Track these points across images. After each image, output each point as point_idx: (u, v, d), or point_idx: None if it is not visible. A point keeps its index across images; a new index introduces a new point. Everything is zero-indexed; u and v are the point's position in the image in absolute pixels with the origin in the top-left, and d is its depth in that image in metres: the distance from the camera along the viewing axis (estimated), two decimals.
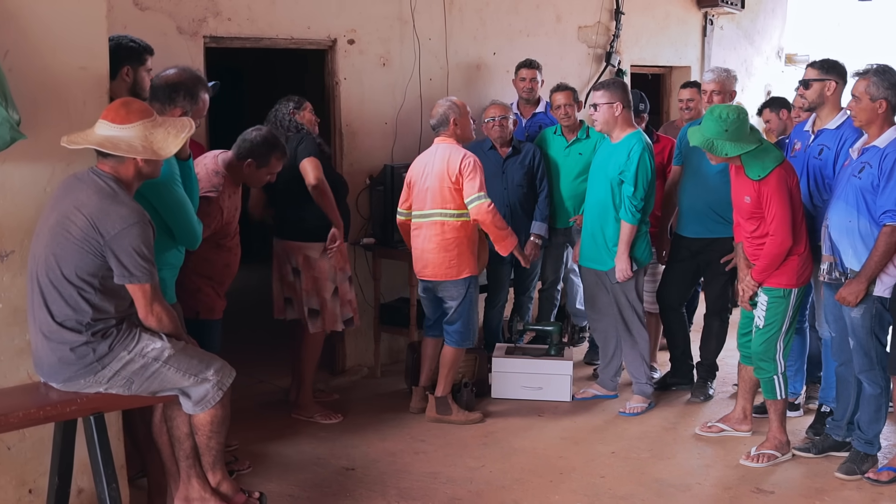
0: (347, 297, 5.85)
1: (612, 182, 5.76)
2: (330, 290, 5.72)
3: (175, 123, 3.83)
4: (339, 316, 5.79)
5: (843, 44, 11.92)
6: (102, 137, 3.64)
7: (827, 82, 5.23)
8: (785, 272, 5.05)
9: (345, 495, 4.78)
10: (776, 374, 5.17)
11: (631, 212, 5.70)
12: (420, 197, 5.69)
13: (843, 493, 4.83)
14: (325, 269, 5.69)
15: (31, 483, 4.06)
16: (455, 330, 5.79)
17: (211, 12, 5.96)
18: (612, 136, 5.86)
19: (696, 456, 5.34)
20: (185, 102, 4.24)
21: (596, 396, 6.31)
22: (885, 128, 4.76)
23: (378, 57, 6.85)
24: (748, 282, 5.16)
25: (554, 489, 4.87)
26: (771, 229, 4.98)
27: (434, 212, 5.62)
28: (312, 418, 5.79)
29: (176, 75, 4.29)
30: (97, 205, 3.59)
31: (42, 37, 3.89)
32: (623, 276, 5.79)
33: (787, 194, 4.93)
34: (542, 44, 7.91)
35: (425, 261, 5.70)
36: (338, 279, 5.76)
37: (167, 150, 3.72)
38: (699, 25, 9.70)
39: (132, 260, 3.59)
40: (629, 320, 5.98)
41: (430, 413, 5.83)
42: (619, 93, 5.79)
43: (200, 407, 3.88)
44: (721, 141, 4.91)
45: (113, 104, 3.75)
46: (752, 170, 4.95)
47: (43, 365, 3.72)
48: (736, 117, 4.92)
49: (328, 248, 5.63)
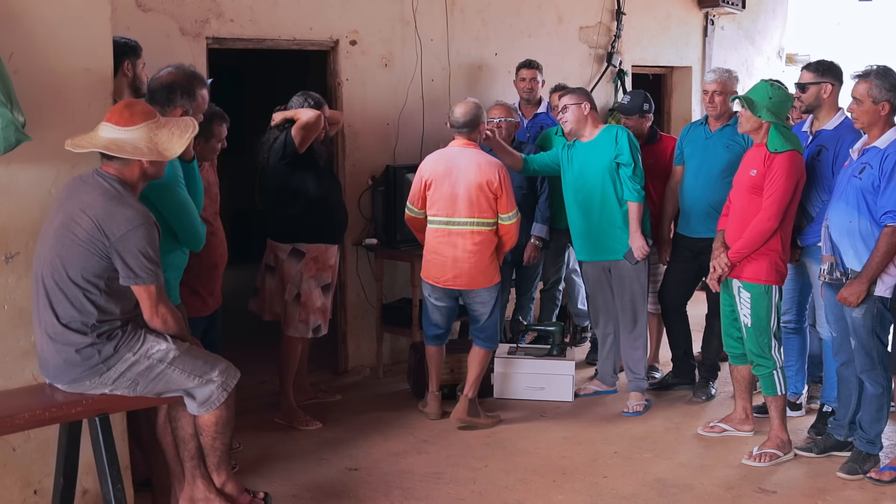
0: (317, 304, 5.72)
1: (609, 170, 5.83)
2: (291, 294, 5.67)
3: (178, 123, 3.85)
4: (296, 321, 5.68)
5: (843, 44, 11.95)
6: (108, 140, 3.65)
7: (823, 85, 5.29)
8: (763, 266, 5.11)
9: (348, 496, 4.79)
10: (775, 370, 5.20)
11: (636, 191, 5.81)
12: (446, 202, 5.55)
13: (846, 492, 4.84)
14: (290, 272, 5.65)
15: (37, 484, 4.07)
16: (487, 334, 5.78)
17: (213, 13, 5.97)
18: (584, 134, 5.93)
19: (698, 456, 5.35)
20: (185, 101, 4.24)
21: (597, 392, 6.36)
22: (886, 129, 4.78)
23: (380, 58, 6.86)
24: (721, 259, 5.21)
25: (557, 489, 4.88)
26: (764, 205, 5.03)
27: (468, 220, 5.52)
28: (291, 423, 5.74)
29: (171, 75, 4.29)
30: (102, 206, 3.60)
31: (46, 39, 3.90)
32: (642, 253, 5.87)
33: (794, 181, 5.02)
34: (544, 44, 7.92)
35: (458, 270, 5.58)
36: (306, 286, 5.67)
37: (173, 151, 3.74)
38: (700, 26, 9.72)
39: (138, 261, 3.60)
40: (639, 311, 6.03)
41: (460, 415, 5.73)
42: (584, 94, 5.97)
43: (205, 408, 3.89)
44: (762, 106, 5.03)
45: (116, 107, 3.77)
46: (773, 141, 5.04)
47: (48, 366, 3.73)
48: (781, 93, 5.10)
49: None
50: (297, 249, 5.65)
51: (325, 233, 5.75)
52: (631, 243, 5.87)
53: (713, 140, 6.04)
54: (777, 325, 5.21)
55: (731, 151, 5.92)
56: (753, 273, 5.13)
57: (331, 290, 5.87)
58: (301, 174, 5.63)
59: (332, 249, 5.82)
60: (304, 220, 5.64)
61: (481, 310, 5.72)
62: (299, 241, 5.65)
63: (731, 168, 5.75)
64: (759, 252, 5.09)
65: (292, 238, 5.66)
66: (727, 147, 5.95)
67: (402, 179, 6.46)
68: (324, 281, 5.76)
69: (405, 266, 6.83)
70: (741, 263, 5.16)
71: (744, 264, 5.15)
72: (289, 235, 5.67)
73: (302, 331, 5.71)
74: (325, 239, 5.74)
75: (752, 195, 5.11)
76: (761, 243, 5.07)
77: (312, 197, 5.65)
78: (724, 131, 6.02)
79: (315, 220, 5.67)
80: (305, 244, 5.66)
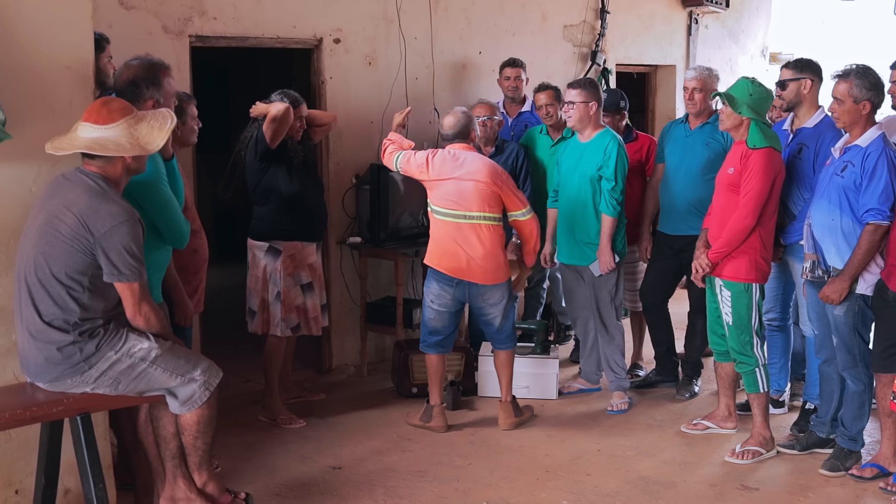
0: (295, 302, 5.70)
1: (592, 179, 5.84)
2: (272, 293, 5.65)
3: (156, 116, 3.83)
4: (278, 320, 5.66)
5: (826, 43, 11.98)
6: (89, 140, 3.64)
7: (803, 81, 5.34)
8: (742, 264, 5.12)
9: (332, 494, 4.78)
10: (757, 367, 5.23)
11: (612, 205, 5.79)
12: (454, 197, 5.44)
13: (827, 489, 4.87)
14: (266, 269, 5.65)
15: (18, 483, 4.05)
16: (507, 334, 5.72)
17: (196, 11, 5.95)
18: (584, 133, 5.94)
19: (681, 453, 5.37)
20: (152, 91, 4.17)
21: (581, 391, 6.38)
22: (867, 127, 4.81)
23: (364, 56, 6.85)
24: (702, 259, 5.23)
25: (540, 487, 4.89)
26: (741, 203, 5.05)
27: (476, 214, 5.43)
28: (275, 421, 5.73)
29: (131, 70, 4.23)
30: (87, 203, 3.59)
31: (28, 37, 3.89)
32: (607, 268, 5.87)
33: (769, 178, 5.03)
34: (528, 43, 7.92)
35: (474, 267, 5.48)
36: (284, 283, 5.64)
37: (155, 144, 3.72)
38: (684, 24, 9.74)
39: (121, 258, 3.59)
40: (606, 316, 6.04)
41: (510, 420, 5.70)
42: (594, 92, 5.91)
43: (187, 407, 3.88)
44: (743, 103, 5.04)
45: (93, 105, 3.74)
46: (753, 138, 5.05)
47: (30, 365, 3.71)
48: (762, 90, 5.13)
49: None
50: (273, 247, 5.64)
51: (302, 231, 5.73)
52: (598, 255, 5.88)
53: (693, 138, 6.07)
54: (759, 323, 5.23)
55: (710, 149, 5.95)
56: (733, 271, 5.15)
57: (314, 290, 5.82)
58: (274, 171, 5.62)
59: (310, 248, 5.80)
60: (279, 217, 5.64)
61: (494, 311, 5.62)
62: (275, 239, 5.65)
63: (711, 166, 5.79)
64: (738, 250, 5.11)
65: (268, 236, 5.66)
66: (707, 145, 5.98)
67: (387, 178, 6.46)
68: (302, 280, 5.73)
69: (389, 264, 6.82)
70: (722, 262, 5.18)
71: (724, 263, 5.17)
72: (265, 234, 5.68)
73: (282, 329, 5.68)
74: (301, 237, 5.72)
75: (731, 193, 5.14)
76: (740, 242, 5.09)
77: (286, 195, 5.64)
78: (704, 129, 6.04)
79: (290, 218, 5.66)
80: (282, 242, 5.64)
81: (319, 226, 5.97)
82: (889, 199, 4.66)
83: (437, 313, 5.63)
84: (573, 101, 5.85)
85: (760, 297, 5.22)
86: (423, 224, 6.47)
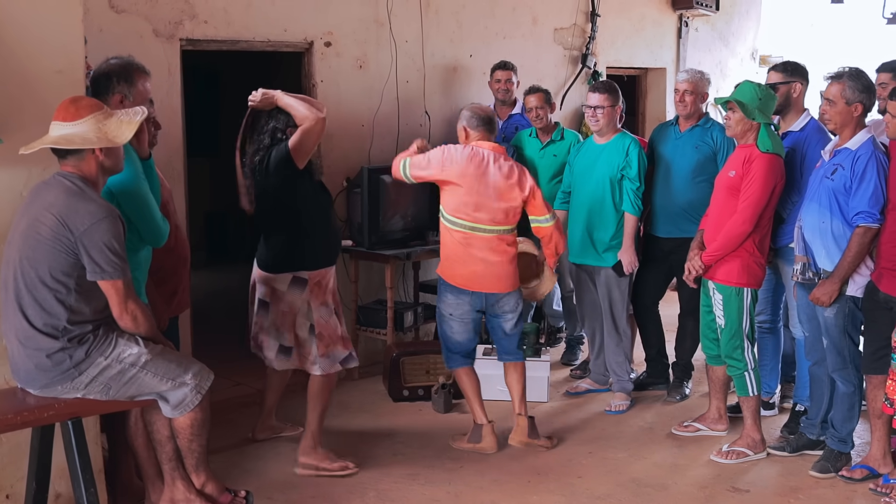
0: (337, 332, 5.08)
1: (612, 180, 5.89)
2: (305, 327, 5.00)
3: (127, 112, 3.84)
4: (315, 356, 5.00)
5: (816, 45, 12.03)
6: (57, 136, 3.64)
7: (793, 84, 5.37)
8: (735, 267, 5.13)
9: (323, 497, 4.78)
10: (747, 371, 5.23)
11: (637, 205, 5.87)
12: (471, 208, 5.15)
13: (818, 491, 4.88)
14: (294, 304, 4.97)
15: (9, 488, 4.05)
16: (514, 345, 5.53)
17: (187, 15, 5.94)
18: (604, 136, 5.98)
19: (672, 455, 5.38)
20: (122, 87, 4.17)
21: (589, 391, 6.40)
22: (858, 130, 4.82)
23: (355, 59, 6.85)
24: (696, 261, 5.25)
25: (532, 490, 4.90)
26: (740, 208, 5.06)
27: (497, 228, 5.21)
28: (318, 470, 5.04)
29: (109, 65, 4.24)
30: (65, 203, 3.60)
31: (18, 40, 3.89)
32: (631, 267, 5.95)
33: (770, 185, 5.03)
34: (519, 46, 7.94)
35: (493, 276, 5.25)
36: (318, 315, 4.99)
37: (122, 137, 3.71)
38: (674, 27, 9.76)
39: (103, 255, 3.59)
40: (618, 317, 6.08)
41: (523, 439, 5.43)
42: (618, 95, 6.01)
43: (179, 411, 3.89)
44: (754, 108, 5.04)
45: (61, 104, 3.72)
46: (765, 141, 5.05)
47: (20, 371, 3.71)
48: (768, 92, 5.13)
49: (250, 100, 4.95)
50: (299, 278, 4.94)
51: (327, 255, 5.09)
52: (621, 256, 5.93)
53: (683, 140, 6.07)
54: (750, 327, 5.24)
55: (700, 152, 5.97)
56: (725, 275, 5.17)
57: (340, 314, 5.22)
58: (302, 195, 4.94)
59: (331, 271, 5.13)
60: (302, 243, 4.96)
61: (511, 319, 5.43)
62: (300, 269, 4.95)
63: (701, 168, 5.81)
64: (731, 254, 5.12)
65: (290, 266, 4.95)
66: (696, 147, 5.99)
67: (378, 181, 6.46)
68: (330, 305, 5.08)
69: (380, 268, 6.82)
70: (715, 264, 5.19)
71: (717, 266, 5.18)
72: (285, 264, 4.95)
73: (325, 366, 5.02)
74: (327, 262, 5.07)
75: (730, 196, 5.14)
76: (735, 246, 5.10)
77: (314, 218, 4.99)
78: (694, 132, 6.04)
79: (314, 243, 4.99)
80: (307, 271, 4.96)
81: (339, 245, 5.43)
82: (879, 202, 4.68)
83: (459, 323, 5.38)
84: (602, 106, 5.88)
85: (753, 301, 5.23)
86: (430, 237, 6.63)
